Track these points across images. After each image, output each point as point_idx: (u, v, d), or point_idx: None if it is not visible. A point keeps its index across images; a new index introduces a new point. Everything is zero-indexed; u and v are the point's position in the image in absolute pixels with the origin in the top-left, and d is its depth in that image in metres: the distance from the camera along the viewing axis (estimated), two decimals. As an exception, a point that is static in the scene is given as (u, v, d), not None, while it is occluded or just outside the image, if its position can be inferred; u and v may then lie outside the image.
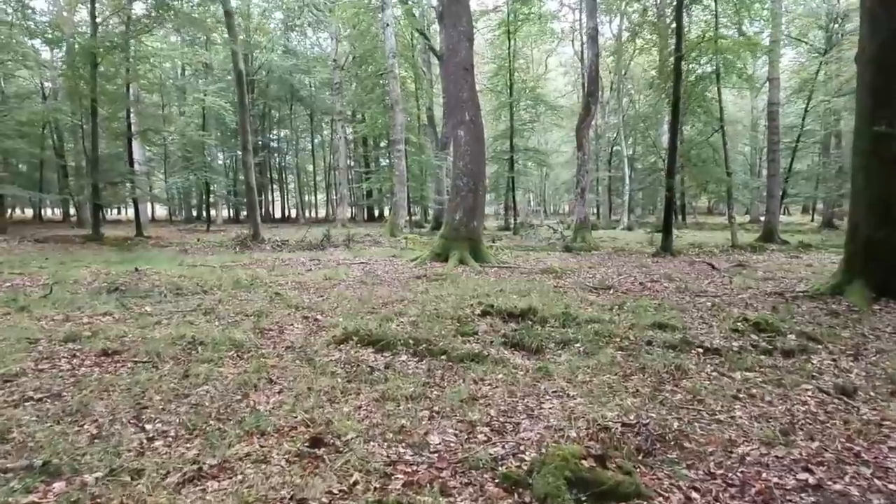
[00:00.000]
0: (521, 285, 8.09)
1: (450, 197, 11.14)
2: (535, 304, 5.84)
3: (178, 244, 18.00)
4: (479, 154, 10.93)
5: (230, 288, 7.84)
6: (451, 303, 6.53)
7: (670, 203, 14.24)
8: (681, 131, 18.73)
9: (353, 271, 9.99)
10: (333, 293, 7.37)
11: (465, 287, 7.86)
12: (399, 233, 20.85)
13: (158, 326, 5.47)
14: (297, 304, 6.58)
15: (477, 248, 10.79)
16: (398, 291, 7.58)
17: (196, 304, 6.57)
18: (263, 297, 7.13)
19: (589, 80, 17.83)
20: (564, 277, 9.41)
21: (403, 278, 9.05)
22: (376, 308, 6.35)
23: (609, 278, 9.48)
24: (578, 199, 18.27)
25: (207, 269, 9.93)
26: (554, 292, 7.55)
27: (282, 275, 9.38)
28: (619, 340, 4.76)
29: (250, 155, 16.92)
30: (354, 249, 14.95)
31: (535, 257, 13.66)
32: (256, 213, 17.28)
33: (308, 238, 17.34)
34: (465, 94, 10.92)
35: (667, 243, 14.14)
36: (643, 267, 11.38)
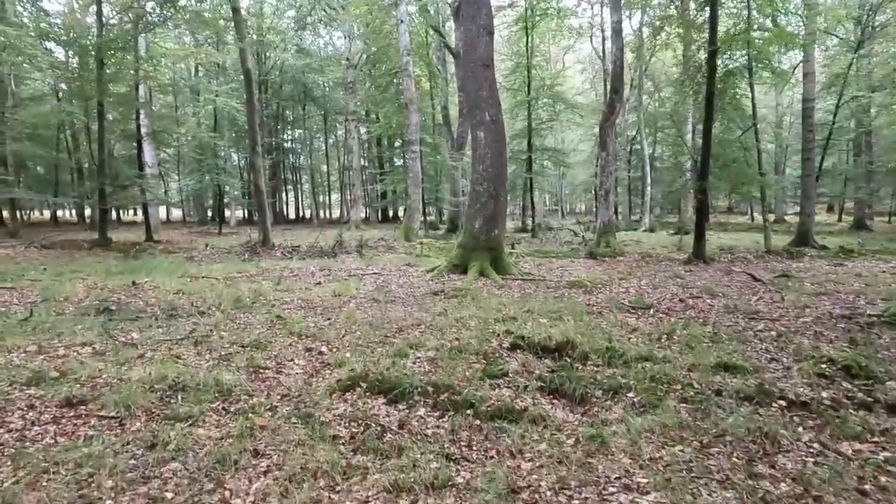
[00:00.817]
0: (549, 304, 7.29)
1: (468, 203, 10.36)
2: (571, 336, 5.04)
3: (187, 249, 17.43)
4: (500, 157, 10.13)
5: (230, 308, 7.13)
6: (475, 329, 5.76)
7: (703, 207, 13.30)
8: (710, 130, 17.75)
9: (365, 284, 9.25)
10: (342, 315, 6.63)
11: (488, 306, 7.08)
12: (414, 236, 20.12)
13: (140, 362, 4.77)
14: (301, 330, 5.84)
15: (498, 259, 9.99)
16: (414, 312, 6.82)
17: (188, 331, 5.87)
18: (264, 320, 6.41)
19: (613, 76, 16.92)
20: (595, 292, 8.59)
21: (419, 294, 8.30)
22: (389, 336, 5.59)
23: (644, 293, 8.64)
24: (602, 201, 17.38)
25: (208, 284, 9.26)
26: (588, 314, 6.75)
27: (288, 290, 8.67)
28: (681, 388, 3.94)
29: (259, 157, 16.28)
30: (367, 256, 14.23)
31: (558, 265, 12.85)
32: (266, 218, 16.63)
33: (320, 243, 16.67)
34: (485, 92, 10.12)
35: (699, 249, 13.23)
36: (677, 277, 10.52)
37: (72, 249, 17.26)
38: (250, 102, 16.03)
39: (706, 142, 12.95)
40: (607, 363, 4.53)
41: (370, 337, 5.54)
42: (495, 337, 5.34)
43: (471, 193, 10.26)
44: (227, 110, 27.29)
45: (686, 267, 12.38)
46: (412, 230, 20.45)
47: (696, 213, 13.58)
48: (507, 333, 5.40)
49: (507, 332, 5.41)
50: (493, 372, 4.34)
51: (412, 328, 5.97)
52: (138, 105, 19.83)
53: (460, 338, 5.36)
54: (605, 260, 14.09)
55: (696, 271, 11.67)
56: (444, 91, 27.99)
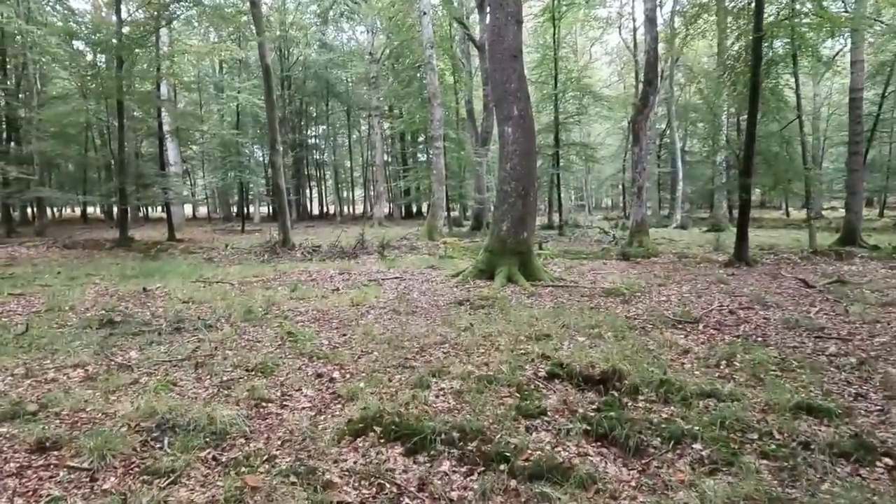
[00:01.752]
0: (585, 317, 6.63)
1: (495, 204, 9.71)
2: (617, 362, 4.39)
3: (207, 249, 17.15)
4: (529, 154, 9.46)
5: (239, 320, 6.64)
6: (505, 349, 5.14)
7: (746, 205, 12.42)
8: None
9: (386, 291, 8.70)
10: (359, 330, 6.07)
11: (518, 320, 6.45)
12: (438, 235, 19.55)
13: (132, 389, 4.27)
14: (312, 350, 5.29)
15: (527, 263, 9.34)
16: (437, 327, 6.22)
17: (192, 349, 5.37)
18: (274, 336, 5.89)
19: (647, 66, 16.05)
20: (634, 301, 7.89)
21: (443, 303, 7.70)
22: (409, 358, 5.01)
23: (688, 301, 7.92)
24: (634, 198, 16.55)
25: (222, 291, 8.80)
26: (629, 329, 6.07)
27: (303, 297, 8.16)
28: (759, 438, 3.28)
29: (279, 155, 15.84)
30: (388, 259, 13.70)
31: (589, 267, 12.14)
32: (286, 218, 16.23)
33: (341, 243, 16.20)
34: (513, 84, 9.45)
35: (741, 251, 12.38)
36: (720, 283, 9.74)
37: (93, 249, 17.11)
38: (269, 99, 15.60)
39: (750, 136, 12.08)
40: (663, 399, 3.88)
41: (388, 359, 4.96)
42: (529, 362, 4.71)
43: (498, 193, 9.62)
44: (250, 107, 27.06)
45: (728, 270, 11.56)
46: (436, 228, 19.88)
47: (739, 212, 12.71)
48: (543, 358, 4.77)
49: (543, 357, 4.78)
50: (529, 409, 3.72)
51: (435, 347, 5.38)
52: (159, 103, 19.61)
53: (489, 362, 4.75)
54: (638, 261, 13.32)
55: (740, 275, 10.86)
56: (469, 85, 27.31)
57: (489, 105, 26.59)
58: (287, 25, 32.47)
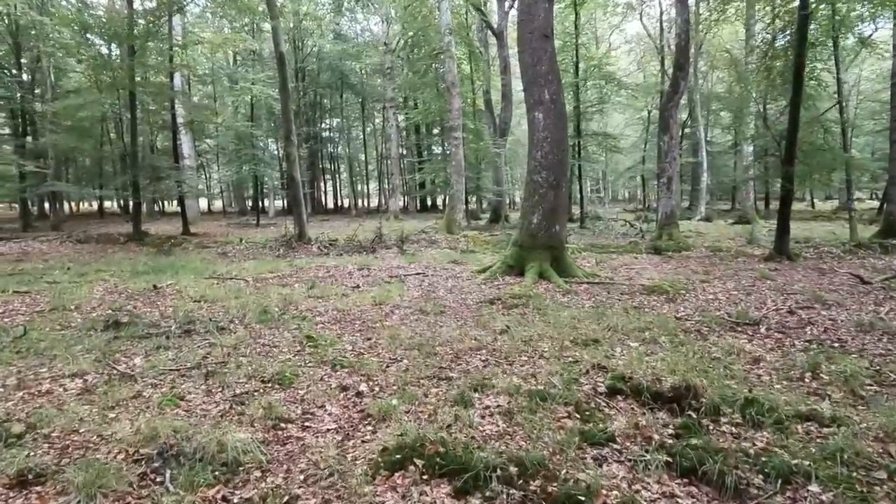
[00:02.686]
0: (632, 318, 6.02)
1: (524, 196, 9.09)
2: (686, 374, 3.79)
3: (222, 244, 16.73)
4: (561, 141, 8.82)
5: (254, 321, 6.12)
6: (550, 356, 4.57)
7: (789, 196, 11.67)
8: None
9: (409, 289, 8.14)
10: (384, 333, 5.52)
11: (559, 321, 5.86)
12: (457, 228, 18.96)
13: (134, 405, 3.76)
14: (335, 357, 4.75)
15: (559, 259, 8.72)
16: (470, 329, 5.66)
17: (202, 356, 4.86)
18: (292, 340, 5.36)
19: (678, 50, 15.27)
20: (679, 300, 7.26)
21: (472, 302, 7.13)
22: (444, 367, 4.45)
23: (737, 300, 7.27)
24: (664, 190, 15.81)
25: (236, 288, 8.30)
26: (683, 332, 5.46)
27: (322, 296, 7.63)
28: (889, 478, 2.67)
29: (294, 146, 15.33)
30: (409, 253, 13.15)
31: (620, 262, 11.49)
32: (302, 210, 15.74)
33: (358, 237, 15.69)
34: (544, 66, 8.80)
35: (783, 244, 11.65)
36: (766, 279, 9.06)
37: (106, 244, 16.78)
38: (284, 88, 15.08)
39: (793, 121, 11.30)
40: (751, 422, 3.27)
41: (420, 368, 4.41)
42: (584, 374, 4.12)
43: (527, 184, 9.00)
44: (265, 98, 26.62)
45: (769, 265, 10.86)
46: (455, 221, 19.29)
47: (780, 202, 11.95)
48: (598, 369, 4.18)
49: (598, 368, 4.19)
50: (594, 435, 3.14)
51: (471, 354, 4.82)
52: (172, 94, 19.20)
53: (536, 372, 4.17)
54: (671, 256, 12.64)
55: (784, 270, 10.16)
56: (487, 74, 26.58)
57: (507, 95, 25.93)
58: (301, 16, 31.95)
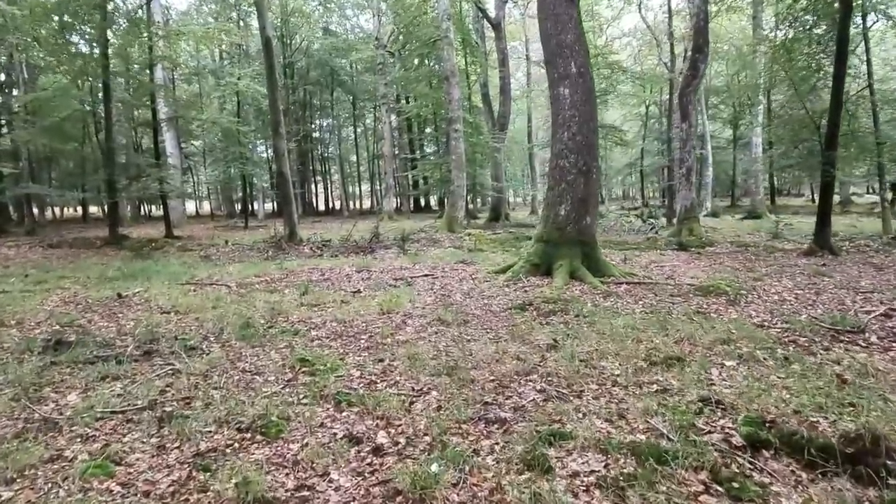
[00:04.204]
0: (702, 326, 4.86)
1: (549, 184, 7.91)
2: (867, 422, 2.63)
3: (206, 246, 15.44)
4: (591, 120, 7.66)
5: (234, 337, 4.89)
6: (627, 383, 3.39)
7: (830, 184, 10.59)
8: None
9: (420, 293, 6.93)
10: (400, 352, 4.32)
11: (615, 332, 4.68)
12: (458, 227, 17.77)
13: (42, 476, 2.54)
14: (339, 390, 3.54)
15: (591, 255, 7.54)
16: (507, 345, 4.46)
17: (160, 388, 3.64)
18: (280, 365, 4.13)
19: (696, 31, 14.16)
20: (744, 303, 6.10)
21: (499, 308, 5.94)
22: (489, 402, 3.26)
23: (810, 301, 6.14)
24: (683, 182, 14.70)
25: (215, 295, 7.05)
26: (780, 344, 4.31)
27: (317, 303, 6.41)
28: None
29: (283, 140, 14.07)
30: (410, 253, 11.94)
31: (647, 259, 10.35)
32: (293, 209, 14.49)
33: (353, 237, 14.47)
34: (569, 34, 7.64)
35: (824, 238, 10.57)
36: (821, 276, 7.97)
37: (80, 248, 15.44)
38: (271, 77, 13.83)
39: (836, 102, 10.21)
40: None
41: (457, 404, 3.20)
42: (693, 412, 2.94)
43: (552, 171, 7.82)
44: (251, 94, 25.31)
45: (814, 260, 9.78)
46: (456, 220, 18.09)
47: (821, 191, 10.88)
48: (709, 404, 2.99)
49: (709, 402, 3.01)
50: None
51: (519, 380, 3.62)
52: (153, 87, 17.87)
53: (623, 411, 2.98)
54: (699, 252, 11.52)
55: (835, 266, 9.07)
56: (484, 67, 25.44)
57: (506, 88, 24.80)
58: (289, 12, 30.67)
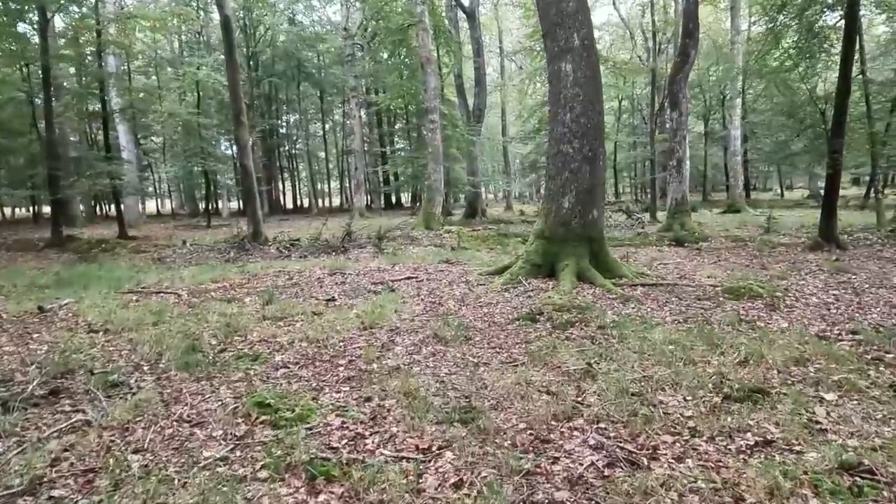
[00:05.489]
0: (756, 340, 3.98)
1: (549, 174, 6.96)
2: None
3: (162, 247, 14.11)
4: (596, 100, 6.74)
5: (174, 366, 3.80)
6: (705, 431, 2.46)
7: (837, 173, 9.93)
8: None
9: (406, 302, 5.90)
10: (392, 385, 3.30)
11: (660, 351, 3.74)
12: (436, 224, 16.76)
13: None
14: (313, 451, 2.51)
15: (599, 254, 6.62)
16: (526, 370, 3.49)
17: (53, 456, 2.55)
18: (232, 410, 3.07)
19: (686, 15, 13.47)
20: (784, 307, 5.27)
21: (504, 319, 4.96)
22: (531, 469, 2.28)
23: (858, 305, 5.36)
24: (673, 173, 14.01)
25: (160, 307, 5.89)
26: (875, 368, 3.45)
27: (283, 316, 5.32)
28: None
29: (245, 130, 12.82)
30: (388, 252, 10.89)
31: (648, 256, 9.56)
32: (257, 206, 13.28)
33: (324, 235, 13.32)
34: (572, 3, 6.71)
35: (830, 231, 9.93)
36: (843, 272, 7.27)
37: (18, 251, 13.92)
38: (230, 59, 12.57)
39: (844, 84, 9.54)
40: None
41: (488, 479, 2.21)
42: (849, 491, 2.01)
43: (552, 158, 6.86)
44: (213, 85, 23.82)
45: (822, 255, 9.14)
46: (433, 216, 17.07)
47: (827, 181, 10.22)
48: (872, 481, 2.07)
49: (869, 477, 2.09)
50: None
51: (560, 428, 2.65)
52: (100, 74, 16.35)
53: (736, 489, 2.04)
54: (699, 248, 10.80)
55: (848, 261, 8.42)
56: (458, 56, 24.46)
57: (481, 79, 23.87)
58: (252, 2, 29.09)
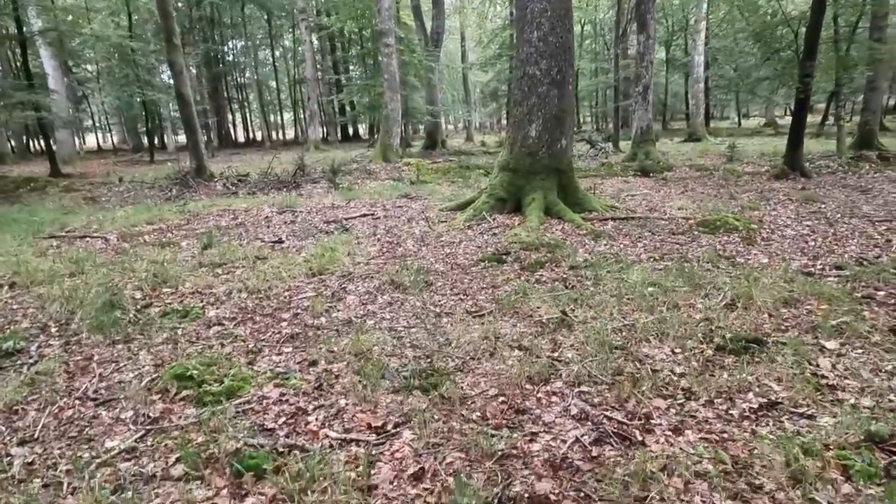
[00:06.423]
0: (738, 279, 3.68)
1: (515, 98, 6.37)
2: None
3: (98, 185, 13.03)
4: (566, 16, 6.10)
5: (87, 326, 3.25)
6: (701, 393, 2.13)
7: (807, 99, 9.61)
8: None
9: (361, 243, 5.40)
10: (342, 344, 2.86)
11: (640, 295, 3.41)
12: (394, 156, 16.02)
13: None
14: (242, 438, 2.07)
15: (568, 186, 6.19)
16: (495, 321, 3.10)
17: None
18: (149, 383, 2.59)
19: (656, -73, 12.62)
20: (761, 240, 5.01)
21: (468, 261, 4.53)
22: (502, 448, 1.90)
23: (836, 236, 5.14)
24: (640, 100, 13.51)
25: (82, 255, 5.21)
26: (870, 311, 3.19)
27: (222, 262, 4.77)
28: None
29: (179, 52, 11.57)
30: (343, 187, 10.23)
31: (614, 187, 9.22)
32: (198, 138, 12.27)
33: (275, 170, 12.49)
34: None
35: (795, 159, 9.77)
36: (813, 201, 7.11)
37: (-68, 192, 12.66)
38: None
39: (819, 1, 9.05)
40: None
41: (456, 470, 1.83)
42: (886, 471, 1.70)
43: (519, 82, 6.26)
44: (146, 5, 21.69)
45: (788, 183, 9.03)
46: (391, 148, 16.27)
47: (796, 107, 9.91)
48: (875, 442, 1.76)
49: (877, 442, 1.78)
50: None
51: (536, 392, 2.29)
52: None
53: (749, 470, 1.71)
54: (664, 178, 10.52)
55: (815, 189, 8.29)
56: (414, -25, 22.83)
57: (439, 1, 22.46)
58: None
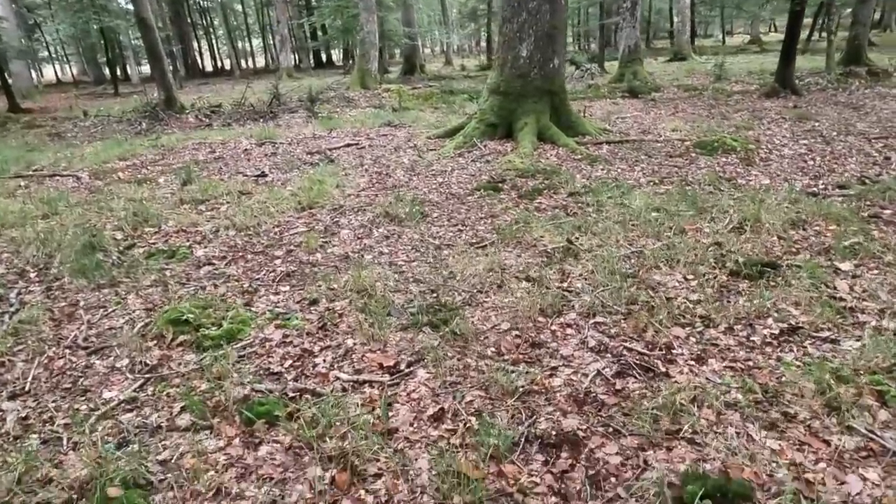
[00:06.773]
0: (743, 202, 3.60)
1: (503, 16, 5.99)
2: None
3: (62, 120, 12.36)
4: (558, -77, 5.67)
5: (68, 270, 3.07)
6: (721, 322, 2.09)
7: (800, 16, 9.28)
8: None
9: (349, 174, 5.19)
10: (342, 281, 2.75)
11: (645, 220, 3.33)
12: (373, 82, 15.38)
13: None
14: (248, 383, 1.98)
15: (561, 109, 5.95)
16: (499, 252, 2.99)
17: None
18: (142, 329, 2.46)
19: None
20: (760, 160, 4.91)
21: (462, 190, 4.38)
22: (522, 385, 1.84)
23: (834, 155, 5.07)
24: (627, 17, 12.98)
25: (54, 195, 4.94)
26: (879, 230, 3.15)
27: (205, 198, 4.55)
28: None
29: (136, -28, 10.73)
30: (323, 117, 9.81)
31: (603, 109, 9.02)
32: (165, 67, 11.59)
33: (249, 100, 11.92)
34: None
35: (786, 76, 9.57)
36: (806, 119, 7.00)
37: None
38: None
39: None
40: None
41: (476, 409, 1.77)
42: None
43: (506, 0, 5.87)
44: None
45: (779, 101, 8.89)
46: (369, 73, 15.59)
47: (788, 24, 9.57)
48: None
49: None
50: None
51: (550, 325, 2.23)
52: None
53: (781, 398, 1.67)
54: (654, 99, 10.27)
55: (806, 107, 8.17)
56: None
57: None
58: None
